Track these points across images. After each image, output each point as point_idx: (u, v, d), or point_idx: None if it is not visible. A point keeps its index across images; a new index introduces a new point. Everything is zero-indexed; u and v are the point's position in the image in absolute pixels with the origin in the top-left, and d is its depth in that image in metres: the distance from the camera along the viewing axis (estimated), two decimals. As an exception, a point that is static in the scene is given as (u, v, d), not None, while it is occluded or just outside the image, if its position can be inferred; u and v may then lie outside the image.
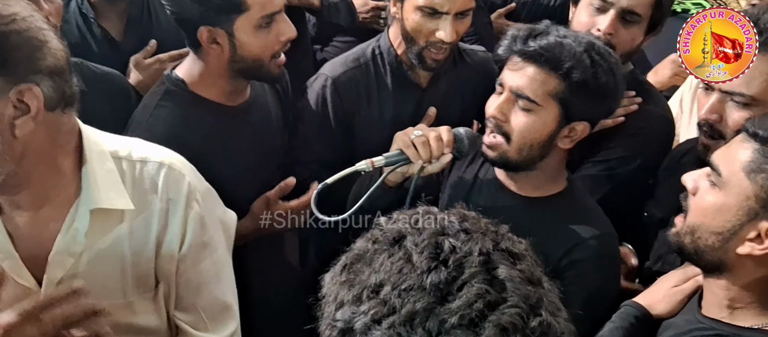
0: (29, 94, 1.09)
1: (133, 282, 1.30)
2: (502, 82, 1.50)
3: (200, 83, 1.75)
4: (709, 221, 1.17)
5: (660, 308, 1.34)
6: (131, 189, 1.28)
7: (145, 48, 2.08)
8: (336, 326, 0.72)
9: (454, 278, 0.70)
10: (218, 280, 1.39)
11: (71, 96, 1.17)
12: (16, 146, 1.12)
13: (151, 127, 1.66)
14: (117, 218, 1.27)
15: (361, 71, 1.97)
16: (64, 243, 1.23)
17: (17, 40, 1.07)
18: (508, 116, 1.48)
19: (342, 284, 0.74)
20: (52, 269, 1.24)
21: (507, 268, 0.72)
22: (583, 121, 1.50)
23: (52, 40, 1.12)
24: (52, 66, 1.11)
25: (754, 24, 1.38)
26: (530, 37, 1.46)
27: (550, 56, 1.43)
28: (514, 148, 1.49)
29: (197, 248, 1.34)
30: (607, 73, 1.45)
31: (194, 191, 1.34)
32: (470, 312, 0.67)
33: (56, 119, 1.16)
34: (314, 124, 1.97)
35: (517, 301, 0.69)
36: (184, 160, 1.37)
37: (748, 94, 1.43)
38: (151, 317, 1.35)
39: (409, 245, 0.74)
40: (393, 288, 0.70)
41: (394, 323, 0.68)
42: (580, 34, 1.49)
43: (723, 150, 1.19)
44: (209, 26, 1.65)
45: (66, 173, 1.22)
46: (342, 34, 2.54)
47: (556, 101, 1.45)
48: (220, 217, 1.43)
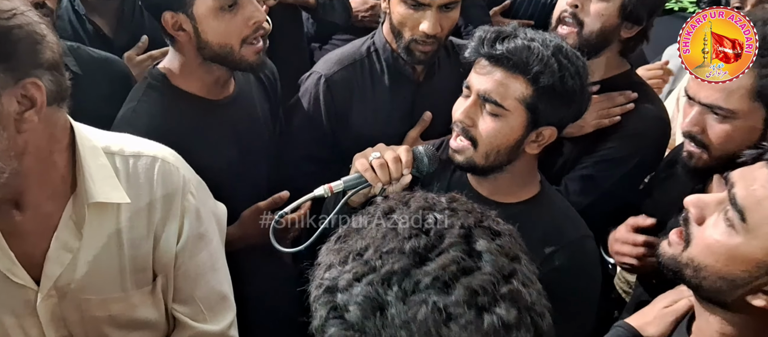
0: (33, 88, 1.09)
1: (131, 276, 1.30)
2: (470, 85, 1.49)
3: (180, 77, 1.74)
4: (719, 265, 1.05)
5: (651, 330, 1.30)
6: (126, 184, 1.27)
7: (137, 45, 2.07)
8: (323, 285, 0.78)
9: (433, 246, 0.75)
10: (214, 271, 1.40)
11: (66, 90, 1.17)
12: (20, 142, 1.11)
13: (133, 122, 1.65)
14: (113, 212, 1.27)
15: (355, 69, 1.97)
16: (62, 239, 1.23)
17: (19, 35, 1.07)
18: (475, 121, 1.47)
19: (333, 251, 0.80)
20: (49, 266, 1.23)
21: (486, 242, 0.76)
22: (551, 126, 1.48)
23: (49, 33, 1.12)
24: (50, 60, 1.11)
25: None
26: (498, 39, 1.44)
27: (518, 60, 1.41)
28: (481, 153, 1.48)
29: (194, 240, 1.35)
30: (574, 76, 1.44)
31: (188, 183, 1.35)
32: (443, 274, 0.73)
33: (53, 114, 1.16)
34: (306, 122, 1.97)
35: (490, 270, 0.74)
36: (175, 153, 1.37)
37: (727, 108, 1.43)
38: (150, 310, 1.35)
39: (396, 217, 0.80)
40: (375, 251, 0.77)
41: (373, 280, 0.74)
42: (548, 37, 1.47)
43: (746, 190, 1.04)
44: (171, 11, 1.63)
45: (61, 169, 1.22)
46: (341, 33, 2.53)
47: (524, 106, 1.44)
48: (212, 209, 1.44)
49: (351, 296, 0.74)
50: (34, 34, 1.09)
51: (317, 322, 0.77)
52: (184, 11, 1.63)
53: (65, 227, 1.23)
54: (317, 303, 0.78)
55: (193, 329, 1.37)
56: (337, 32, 2.58)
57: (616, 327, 1.35)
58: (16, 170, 1.13)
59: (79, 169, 1.23)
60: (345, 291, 0.75)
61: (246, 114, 1.87)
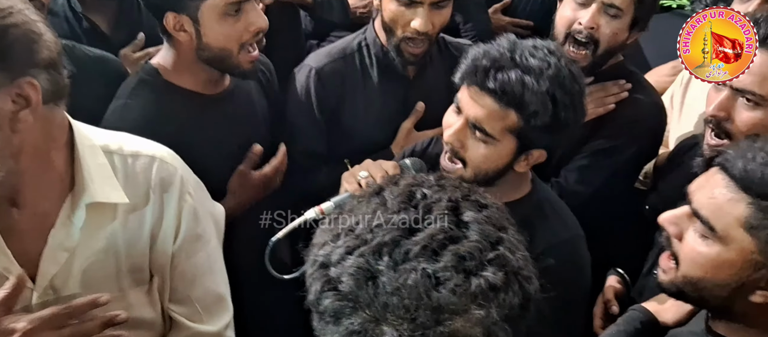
0: (28, 87, 1.08)
1: (127, 276, 1.30)
2: (460, 107, 1.45)
3: (174, 72, 1.74)
4: (710, 275, 1.10)
5: (667, 317, 1.31)
6: (124, 183, 1.27)
7: (134, 42, 2.06)
8: (316, 261, 0.81)
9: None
10: (212, 272, 1.39)
11: (63, 88, 1.16)
12: (15, 142, 1.11)
13: (124, 116, 1.65)
14: (111, 212, 1.26)
15: (346, 62, 1.97)
16: (59, 238, 1.22)
17: (15, 34, 1.06)
18: (464, 143, 1.44)
19: (326, 231, 0.83)
20: (45, 265, 1.22)
21: (473, 213, 0.79)
22: (540, 149, 1.47)
23: (46, 32, 1.11)
24: (47, 59, 1.10)
25: (755, 23, 1.37)
26: (492, 69, 1.38)
27: (511, 97, 1.37)
28: (471, 173, 1.46)
29: (191, 241, 1.34)
30: (568, 109, 1.40)
31: (186, 183, 1.34)
32: (432, 243, 0.75)
33: (50, 113, 1.15)
34: (299, 115, 1.97)
35: (477, 238, 0.77)
36: (173, 153, 1.37)
37: (760, 94, 1.40)
38: (146, 310, 1.34)
39: (386, 195, 0.83)
40: (366, 225, 0.79)
41: (364, 252, 0.76)
42: (546, 63, 1.39)
43: (706, 199, 1.10)
44: (175, 12, 1.63)
45: (58, 168, 1.21)
46: (338, 30, 2.52)
47: (514, 135, 1.42)
48: (210, 209, 1.43)
49: (343, 268, 0.76)
50: (30, 33, 1.08)
51: (312, 296, 0.80)
52: (188, 13, 1.63)
53: (62, 226, 1.22)
54: (311, 278, 0.81)
55: (189, 330, 1.37)
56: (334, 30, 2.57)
57: (632, 310, 1.36)
58: (12, 169, 1.12)
59: (77, 168, 1.22)
60: (338, 264, 0.77)
61: (242, 109, 1.87)
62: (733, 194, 1.07)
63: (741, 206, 1.06)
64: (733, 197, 1.07)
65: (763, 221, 1.04)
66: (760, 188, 1.04)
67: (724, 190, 1.08)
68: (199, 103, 1.76)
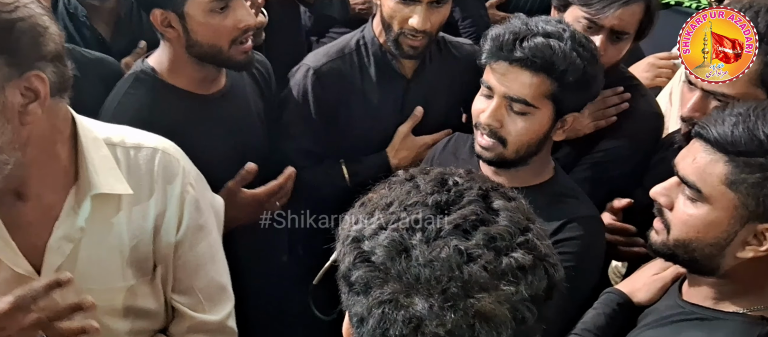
0: (37, 80, 1.10)
1: (131, 266, 1.31)
2: (491, 86, 1.48)
3: (169, 71, 1.74)
4: (702, 235, 1.18)
5: (641, 296, 1.37)
6: (127, 175, 1.28)
7: (135, 50, 2.06)
8: (350, 236, 0.82)
9: (454, 201, 0.81)
10: (214, 262, 1.41)
11: (68, 81, 1.18)
12: (24, 134, 1.12)
13: (118, 114, 1.64)
14: (115, 203, 1.28)
15: (344, 62, 1.96)
16: (64, 229, 1.24)
17: (22, 27, 1.07)
18: (502, 122, 1.48)
19: (357, 211, 0.86)
20: (50, 256, 1.24)
21: (503, 201, 0.82)
22: (574, 112, 1.52)
23: (52, 25, 1.13)
24: (53, 51, 1.12)
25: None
26: (516, 41, 1.43)
27: (542, 61, 1.42)
28: (512, 150, 1.50)
29: (194, 231, 1.36)
30: (593, 63, 1.47)
31: (188, 175, 1.36)
32: (464, 223, 0.78)
33: (55, 105, 1.17)
34: (295, 114, 1.96)
35: (507, 223, 0.79)
36: (175, 145, 1.38)
37: (731, 95, 1.44)
38: (150, 300, 1.36)
39: (418, 181, 0.86)
40: (400, 204, 0.82)
41: (398, 227, 0.79)
42: (559, 28, 1.47)
43: (690, 164, 1.19)
44: (161, 9, 1.63)
45: (63, 160, 1.22)
46: (338, 26, 2.52)
47: (550, 100, 1.46)
48: (210, 201, 1.45)
49: (377, 241, 0.79)
50: (37, 26, 1.09)
51: (344, 267, 0.82)
52: (174, 9, 1.63)
53: (67, 218, 1.23)
54: (344, 251, 0.83)
55: (192, 319, 1.38)
56: (334, 25, 2.57)
57: (607, 293, 1.42)
58: (19, 160, 1.14)
59: (81, 160, 1.23)
60: (371, 238, 0.79)
61: (238, 109, 1.87)
62: (711, 156, 1.16)
63: (720, 165, 1.15)
64: (712, 158, 1.16)
65: (741, 176, 1.13)
66: (733, 146, 1.14)
67: (704, 153, 1.17)
68: (194, 103, 1.76)
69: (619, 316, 1.36)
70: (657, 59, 2.20)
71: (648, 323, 1.30)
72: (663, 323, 1.27)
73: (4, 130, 1.09)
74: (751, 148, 1.12)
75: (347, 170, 1.99)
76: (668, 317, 1.27)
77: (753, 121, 1.14)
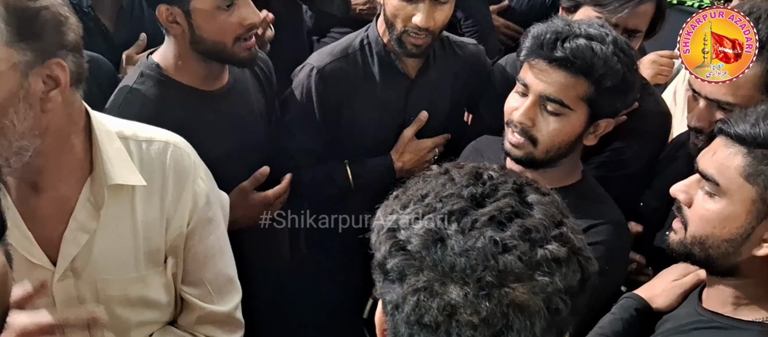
0: (58, 68, 1.12)
1: (144, 257, 1.33)
2: (527, 84, 1.47)
3: (174, 67, 1.75)
4: (718, 231, 1.17)
5: (660, 302, 1.36)
6: (139, 167, 1.30)
7: (136, 43, 2.07)
8: (384, 226, 0.83)
9: (489, 194, 0.81)
10: (222, 254, 1.44)
11: (84, 72, 1.20)
12: (43, 122, 1.15)
13: (124, 109, 1.65)
14: (129, 195, 1.29)
15: (348, 62, 1.95)
16: (79, 220, 1.25)
17: (46, 16, 1.10)
18: (535, 121, 1.46)
19: (391, 204, 0.86)
20: (66, 247, 1.25)
21: (537, 196, 0.82)
22: (608, 118, 1.50)
23: (71, 15, 1.15)
24: (73, 41, 1.15)
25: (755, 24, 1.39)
26: (558, 41, 1.42)
27: (582, 64, 1.40)
28: (542, 150, 1.48)
29: (203, 224, 1.38)
30: (631, 69, 1.45)
31: (199, 168, 1.39)
32: (499, 215, 0.78)
33: (72, 96, 1.19)
34: (299, 114, 1.96)
35: (541, 217, 0.79)
36: (184, 140, 1.40)
37: (735, 103, 1.45)
38: (161, 291, 1.38)
39: (453, 174, 0.86)
40: (435, 196, 0.82)
41: (434, 217, 0.79)
42: (603, 31, 1.45)
43: (709, 158, 1.19)
44: (167, 4, 1.64)
45: (77, 152, 1.24)
46: (339, 26, 2.52)
47: (586, 103, 1.44)
48: (217, 195, 1.46)
49: (412, 231, 0.79)
50: (58, 15, 1.12)
51: (380, 255, 0.82)
52: (180, 6, 1.64)
53: (83, 209, 1.25)
54: (379, 241, 0.83)
55: (202, 310, 1.40)
56: (335, 25, 2.57)
57: (626, 298, 1.40)
58: (38, 149, 1.16)
59: (96, 151, 1.25)
60: (407, 228, 0.80)
61: (240, 106, 1.87)
62: (730, 149, 1.16)
63: (738, 157, 1.15)
64: (731, 151, 1.16)
65: (759, 168, 1.13)
66: (752, 138, 1.14)
67: (724, 147, 1.18)
68: (198, 99, 1.77)
69: (637, 322, 1.34)
70: (658, 57, 2.20)
71: (667, 330, 1.29)
72: (681, 331, 1.26)
73: (26, 116, 1.12)
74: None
75: (351, 172, 1.99)
76: (686, 324, 1.25)
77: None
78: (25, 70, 1.09)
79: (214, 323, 1.42)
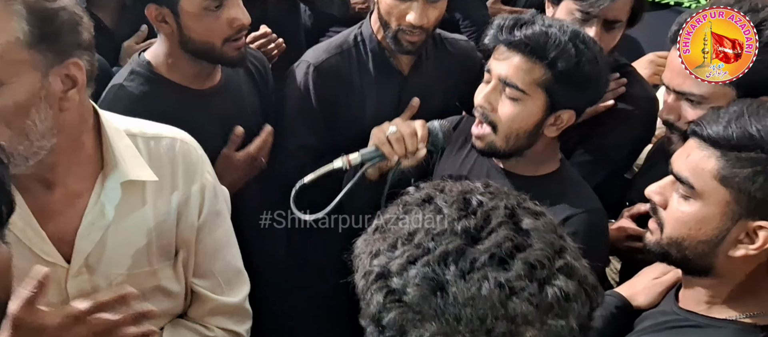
0: (75, 67, 1.14)
1: (157, 251, 1.35)
2: (490, 70, 1.53)
3: (164, 65, 1.76)
4: (693, 232, 1.18)
5: (640, 300, 1.37)
6: (149, 163, 1.32)
7: (137, 33, 2.07)
8: (372, 272, 0.77)
9: (482, 226, 0.76)
10: (230, 246, 1.46)
11: (95, 71, 1.21)
12: (60, 121, 1.16)
13: (112, 105, 1.63)
14: (140, 190, 1.31)
15: (343, 58, 1.97)
16: (92, 216, 1.26)
17: (64, 16, 1.12)
18: (495, 105, 1.52)
19: (376, 240, 0.80)
20: (80, 243, 1.26)
21: (531, 220, 0.78)
22: (569, 110, 1.53)
23: (85, 15, 1.17)
24: (88, 41, 1.17)
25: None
26: (516, 26, 1.48)
27: (535, 46, 1.45)
28: (501, 137, 1.52)
29: (212, 217, 1.40)
30: (591, 62, 1.48)
31: (206, 162, 1.42)
32: (499, 251, 0.73)
33: (84, 94, 1.21)
34: (297, 111, 1.97)
35: (542, 246, 0.75)
36: (188, 135, 1.42)
37: (698, 94, 1.48)
38: (173, 284, 1.39)
39: (438, 202, 0.80)
40: (426, 234, 0.76)
41: (428, 261, 0.74)
42: (565, 24, 1.51)
43: (684, 161, 1.20)
44: (156, 4, 1.65)
45: (88, 149, 1.25)
46: (337, 25, 2.52)
47: (542, 90, 1.48)
48: (220, 188, 1.48)
49: (407, 278, 0.73)
50: (74, 15, 1.14)
51: (374, 308, 0.76)
52: (168, 5, 1.64)
53: (95, 205, 1.26)
54: (370, 290, 0.77)
55: (213, 302, 1.42)
56: (333, 24, 2.57)
57: (607, 295, 1.40)
58: (51, 147, 1.17)
59: (106, 148, 1.26)
60: (400, 275, 0.74)
61: (232, 104, 1.88)
62: (704, 152, 1.17)
63: (712, 160, 1.15)
64: (705, 154, 1.16)
65: (733, 171, 1.13)
66: (725, 141, 1.14)
67: (697, 150, 1.18)
68: (188, 97, 1.78)
69: (617, 319, 1.35)
70: (656, 57, 2.23)
71: (644, 329, 1.30)
72: (657, 329, 1.27)
73: (46, 116, 1.13)
74: (743, 142, 1.12)
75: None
76: (662, 323, 1.27)
77: (746, 118, 1.14)
78: (46, 70, 1.11)
79: (225, 314, 1.44)
